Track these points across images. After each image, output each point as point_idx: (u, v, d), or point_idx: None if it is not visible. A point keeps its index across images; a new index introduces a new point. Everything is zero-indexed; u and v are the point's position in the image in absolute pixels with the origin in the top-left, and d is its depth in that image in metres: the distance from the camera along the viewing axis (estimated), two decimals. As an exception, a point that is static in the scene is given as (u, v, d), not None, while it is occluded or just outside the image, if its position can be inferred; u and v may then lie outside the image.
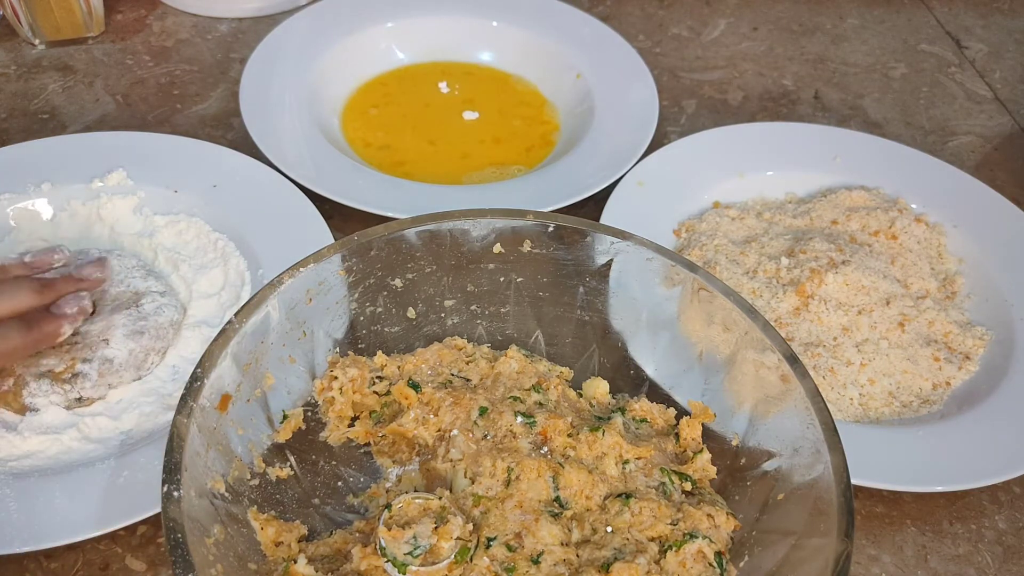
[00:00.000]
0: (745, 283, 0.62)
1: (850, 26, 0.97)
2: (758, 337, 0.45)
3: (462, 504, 0.44)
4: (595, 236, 0.50)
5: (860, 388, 0.58)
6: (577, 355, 0.54)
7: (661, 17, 0.95)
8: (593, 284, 0.52)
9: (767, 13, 0.97)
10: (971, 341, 0.61)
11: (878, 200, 0.70)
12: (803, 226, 0.68)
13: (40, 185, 0.64)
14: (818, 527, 0.39)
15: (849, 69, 0.91)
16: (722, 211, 0.68)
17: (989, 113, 0.86)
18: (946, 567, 0.52)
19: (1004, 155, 0.82)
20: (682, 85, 0.86)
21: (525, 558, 0.42)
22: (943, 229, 0.69)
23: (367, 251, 0.48)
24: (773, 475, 0.44)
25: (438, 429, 0.47)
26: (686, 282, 0.48)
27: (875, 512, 0.54)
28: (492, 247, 0.51)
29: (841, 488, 0.39)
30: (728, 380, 0.48)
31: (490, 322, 0.54)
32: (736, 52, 0.91)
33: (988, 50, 0.95)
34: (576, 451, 0.46)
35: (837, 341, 0.59)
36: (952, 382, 0.59)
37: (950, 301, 0.65)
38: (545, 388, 0.50)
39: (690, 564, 0.42)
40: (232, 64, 0.83)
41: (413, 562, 0.40)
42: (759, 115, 0.84)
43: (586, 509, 0.44)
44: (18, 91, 0.78)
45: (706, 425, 0.49)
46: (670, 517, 0.43)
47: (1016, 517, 0.54)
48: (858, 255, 0.63)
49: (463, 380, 0.50)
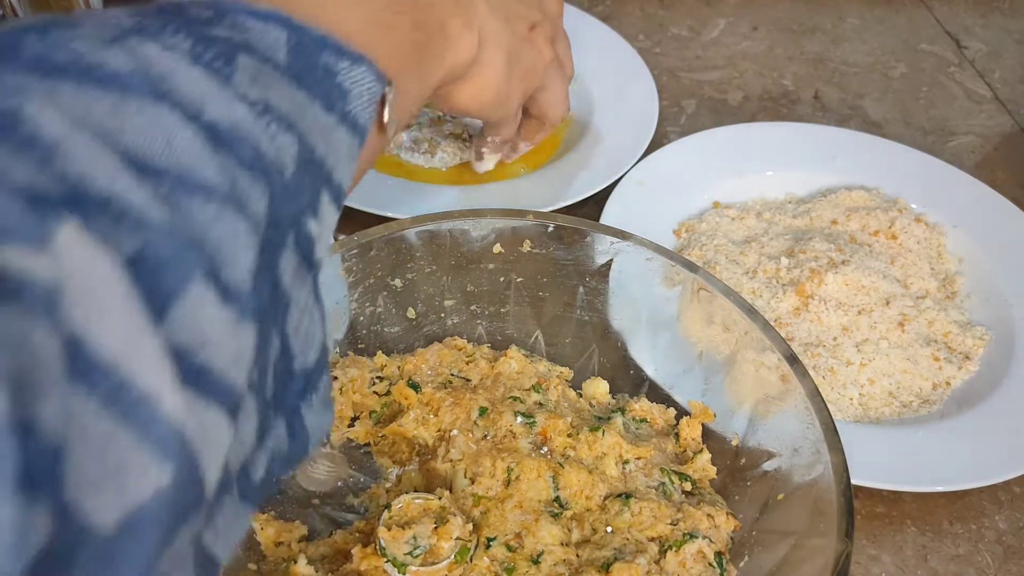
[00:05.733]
0: (745, 283, 0.62)
1: (850, 26, 0.97)
2: (758, 337, 0.45)
3: (462, 504, 0.44)
4: (595, 236, 0.50)
5: (860, 388, 0.58)
6: (577, 355, 0.54)
7: (661, 17, 0.95)
8: (593, 284, 0.52)
9: (767, 13, 0.97)
10: (971, 341, 0.61)
11: (878, 200, 0.70)
12: (803, 226, 0.68)
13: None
14: (818, 527, 0.39)
15: (849, 69, 0.91)
16: (722, 211, 0.68)
17: (989, 113, 0.86)
18: (946, 567, 0.52)
19: (1004, 155, 0.82)
20: (682, 85, 0.86)
21: (525, 558, 0.42)
22: (943, 229, 0.69)
23: (367, 251, 0.48)
24: (773, 475, 0.44)
25: (438, 429, 0.47)
26: (686, 282, 0.48)
27: (875, 512, 0.54)
28: (492, 247, 0.51)
29: (841, 488, 0.39)
30: (728, 380, 0.48)
31: (490, 322, 0.54)
32: (736, 52, 0.91)
33: (988, 50, 0.95)
34: (576, 451, 0.46)
35: (837, 341, 0.59)
36: (952, 382, 0.59)
37: (950, 301, 0.65)
38: (545, 388, 0.50)
39: (690, 564, 0.42)
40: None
41: (413, 562, 0.40)
42: (759, 115, 0.84)
43: (586, 509, 0.44)
44: (18, 91, 0.78)
45: (706, 425, 0.49)
46: (670, 517, 0.43)
47: (1016, 517, 0.54)
48: (858, 255, 0.63)
49: (463, 380, 0.50)
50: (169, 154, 0.21)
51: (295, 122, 0.26)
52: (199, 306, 0.21)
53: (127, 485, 0.18)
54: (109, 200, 0.19)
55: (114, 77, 0.21)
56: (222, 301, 0.21)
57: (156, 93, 0.22)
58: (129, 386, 0.18)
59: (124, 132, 0.21)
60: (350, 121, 0.28)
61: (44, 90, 0.20)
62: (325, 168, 0.27)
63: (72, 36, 0.22)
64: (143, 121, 0.21)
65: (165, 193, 0.21)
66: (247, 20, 0.26)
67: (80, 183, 0.19)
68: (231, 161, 0.23)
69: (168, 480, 0.19)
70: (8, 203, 0.17)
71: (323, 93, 0.27)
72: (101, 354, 0.18)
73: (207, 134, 0.22)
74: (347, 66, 0.28)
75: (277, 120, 0.25)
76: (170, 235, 0.20)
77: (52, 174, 0.18)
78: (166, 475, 0.19)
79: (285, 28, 0.26)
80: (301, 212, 0.26)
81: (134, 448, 0.18)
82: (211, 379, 0.21)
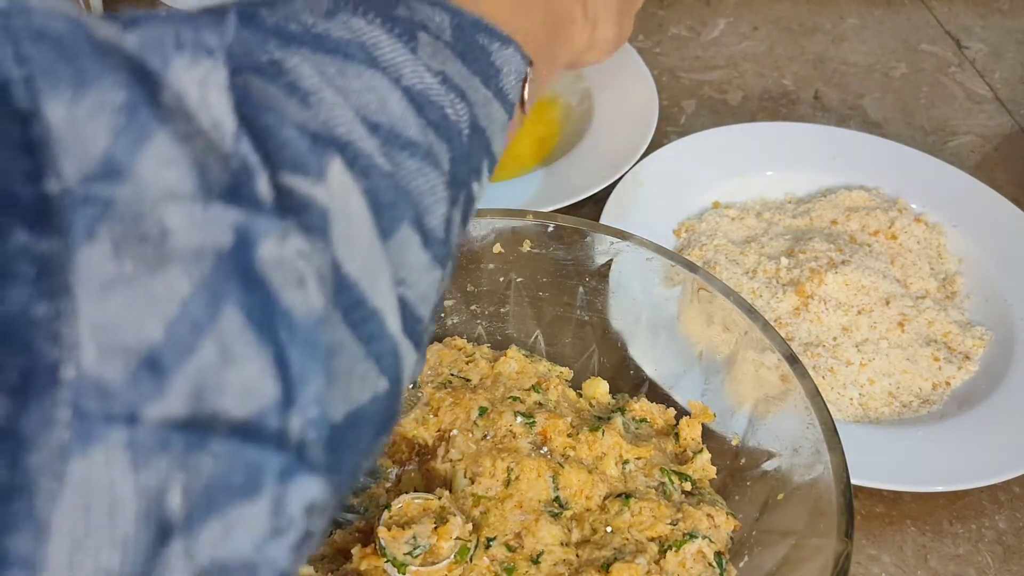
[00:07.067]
0: (745, 283, 0.62)
1: (850, 26, 0.97)
2: (758, 337, 0.45)
3: (462, 504, 0.44)
4: (595, 236, 0.50)
5: (860, 388, 0.58)
6: (577, 355, 0.54)
7: (661, 17, 0.95)
8: (593, 284, 0.52)
9: (767, 13, 0.97)
10: (971, 341, 0.61)
11: (878, 200, 0.69)
12: (803, 226, 0.68)
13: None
14: (818, 527, 0.39)
15: (849, 69, 0.91)
16: (722, 211, 0.68)
17: (989, 113, 0.86)
18: (946, 567, 0.52)
19: (1004, 155, 0.82)
20: (682, 85, 0.86)
21: (525, 558, 0.42)
22: (943, 229, 0.69)
23: (367, 251, 0.48)
24: (773, 475, 0.44)
25: (438, 429, 0.47)
26: (686, 282, 0.48)
27: (875, 512, 0.54)
28: (492, 247, 0.51)
29: (841, 488, 0.39)
30: (728, 380, 0.48)
31: (490, 322, 0.54)
32: (736, 52, 0.91)
33: (988, 50, 0.95)
34: (576, 451, 0.46)
35: (837, 341, 0.59)
36: (952, 382, 0.59)
37: (950, 301, 0.65)
38: (545, 388, 0.50)
39: (690, 564, 0.42)
40: (232, 64, 0.83)
41: (413, 562, 0.40)
42: (759, 115, 0.84)
43: (586, 509, 0.44)
44: (18, 91, 0.78)
45: (706, 425, 0.49)
46: (670, 517, 0.43)
47: (1016, 517, 0.54)
48: (858, 255, 0.63)
49: (463, 380, 0.50)
50: (383, 113, 0.24)
51: (466, 92, 0.29)
52: (407, 245, 0.24)
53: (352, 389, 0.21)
54: (351, 144, 0.23)
55: (337, 45, 0.24)
56: (423, 245, 0.25)
57: (369, 60, 0.25)
58: (365, 303, 0.22)
59: (351, 91, 0.24)
60: (503, 96, 0.31)
61: (293, 49, 0.23)
62: (487, 137, 0.30)
63: (298, 9, 0.25)
64: (362, 84, 0.24)
65: (382, 145, 0.24)
66: (417, 3, 0.29)
67: (336, 127, 0.22)
68: (425, 122, 0.26)
69: (384, 389, 0.23)
70: (298, 137, 0.21)
71: (481, 70, 0.30)
72: (351, 275, 0.21)
73: (408, 97, 0.26)
74: (498, 46, 0.31)
75: (454, 89, 0.28)
76: (391, 181, 0.24)
77: (315, 116, 0.22)
78: (383, 384, 0.23)
79: (447, 12, 0.30)
80: (471, 173, 0.29)
81: (361, 358, 0.22)
82: (407, 312, 0.24)
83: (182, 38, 0.19)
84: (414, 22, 0.28)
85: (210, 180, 0.18)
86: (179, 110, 0.18)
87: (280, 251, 0.19)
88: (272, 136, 0.20)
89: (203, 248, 0.18)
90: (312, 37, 0.24)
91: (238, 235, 0.18)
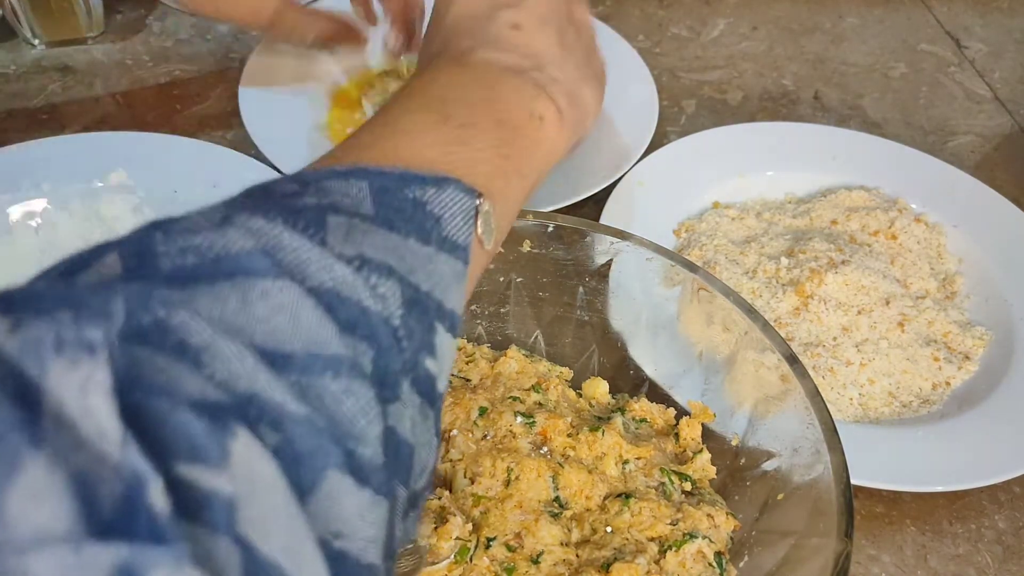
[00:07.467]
0: (745, 283, 0.62)
1: (850, 26, 0.97)
2: (758, 337, 0.45)
3: (462, 504, 0.44)
4: (595, 236, 0.50)
5: (860, 388, 0.58)
6: (577, 355, 0.54)
7: (661, 17, 0.95)
8: (593, 284, 0.52)
9: (767, 13, 0.97)
10: (971, 341, 0.61)
11: (878, 200, 0.69)
12: (803, 226, 0.68)
13: (40, 185, 0.64)
14: (818, 527, 0.39)
15: (849, 69, 0.91)
16: (722, 211, 0.68)
17: (989, 113, 0.86)
18: (946, 567, 0.52)
19: (1004, 155, 0.82)
20: (682, 85, 0.86)
21: (525, 558, 0.42)
22: (943, 229, 0.69)
23: (367, 251, 0.48)
24: (773, 475, 0.44)
25: (438, 429, 0.47)
26: (686, 282, 0.48)
27: (875, 512, 0.54)
28: (492, 247, 0.51)
29: (841, 488, 0.39)
30: (728, 380, 0.48)
31: (490, 322, 0.54)
32: (736, 52, 0.91)
33: (988, 50, 0.95)
34: (576, 451, 0.46)
35: (837, 341, 0.59)
36: (952, 382, 0.59)
37: (950, 301, 0.65)
38: (545, 388, 0.50)
39: (690, 564, 0.42)
40: (232, 64, 0.83)
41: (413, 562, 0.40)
42: (759, 115, 0.84)
43: (586, 509, 0.44)
44: (18, 91, 0.78)
45: (706, 425, 0.49)
46: (670, 517, 0.43)
47: (1016, 517, 0.54)
48: (858, 255, 0.63)
49: (463, 380, 0.50)
50: (296, 335, 0.22)
51: (394, 266, 0.26)
52: (337, 494, 0.22)
53: None
54: (256, 397, 0.21)
55: (236, 264, 0.23)
56: (358, 484, 0.22)
57: (274, 268, 0.23)
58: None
59: (257, 322, 0.22)
60: (449, 245, 0.29)
61: (184, 299, 0.21)
62: (433, 301, 0.27)
63: (195, 225, 0.23)
64: (268, 307, 0.22)
65: (298, 380, 0.22)
66: (329, 183, 0.27)
67: (236, 383, 0.20)
68: (340, 327, 0.24)
69: None
70: (193, 421, 0.19)
71: (416, 227, 0.27)
72: (268, 557, 0.19)
73: (321, 302, 0.23)
74: (433, 192, 0.28)
75: (376, 270, 0.26)
76: (308, 426, 0.21)
77: (211, 378, 0.20)
78: None
79: (365, 178, 0.27)
80: (417, 354, 0.26)
81: None
82: (349, 566, 0.22)
83: (62, 336, 0.18)
84: (322, 207, 0.26)
85: (90, 509, 0.16)
86: (59, 422, 0.17)
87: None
88: (164, 424, 0.18)
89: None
90: (209, 264, 0.22)
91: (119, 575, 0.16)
